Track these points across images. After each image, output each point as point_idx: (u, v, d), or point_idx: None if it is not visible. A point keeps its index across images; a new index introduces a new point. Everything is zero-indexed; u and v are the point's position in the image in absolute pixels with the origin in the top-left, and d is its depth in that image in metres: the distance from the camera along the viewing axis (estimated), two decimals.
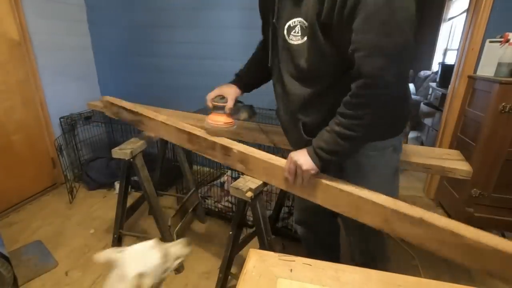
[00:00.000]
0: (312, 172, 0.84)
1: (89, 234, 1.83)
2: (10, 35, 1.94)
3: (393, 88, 0.71)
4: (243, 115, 1.22)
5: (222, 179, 2.18)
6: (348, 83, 0.74)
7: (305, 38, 0.79)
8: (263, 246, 1.11)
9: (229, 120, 1.12)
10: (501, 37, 1.69)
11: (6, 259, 1.26)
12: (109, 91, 2.71)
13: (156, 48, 2.44)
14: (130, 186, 1.64)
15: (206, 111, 2.10)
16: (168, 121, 1.25)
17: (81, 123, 2.45)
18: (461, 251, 0.71)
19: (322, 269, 0.62)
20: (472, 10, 1.84)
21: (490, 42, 1.75)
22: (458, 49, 2.04)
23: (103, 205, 2.15)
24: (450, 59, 4.17)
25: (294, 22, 0.80)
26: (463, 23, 2.27)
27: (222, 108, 1.10)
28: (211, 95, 1.11)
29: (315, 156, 0.82)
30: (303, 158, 0.84)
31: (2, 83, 1.93)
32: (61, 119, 2.29)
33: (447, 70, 2.86)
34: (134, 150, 1.37)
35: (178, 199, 2.08)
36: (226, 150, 1.08)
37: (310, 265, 0.63)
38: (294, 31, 0.80)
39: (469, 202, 1.82)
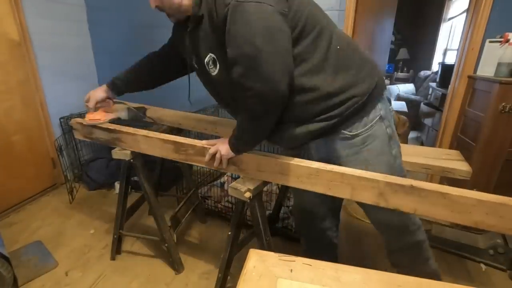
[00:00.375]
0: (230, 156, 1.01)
1: (89, 234, 1.83)
2: (10, 35, 1.94)
3: (260, 90, 0.79)
4: (123, 114, 1.45)
5: (222, 179, 2.18)
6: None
7: (218, 67, 0.91)
8: (261, 247, 1.11)
9: (96, 117, 1.33)
10: (501, 37, 1.69)
11: (6, 259, 1.26)
12: None
13: (157, 48, 2.43)
14: (130, 187, 1.64)
15: (206, 111, 2.11)
16: (150, 134, 1.23)
17: None
18: (450, 209, 0.79)
19: (322, 269, 0.62)
20: (472, 10, 1.84)
21: (490, 42, 1.75)
22: (458, 49, 2.04)
23: (103, 206, 2.15)
24: (450, 59, 4.18)
25: (208, 56, 0.92)
26: (463, 23, 2.27)
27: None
28: (85, 96, 1.35)
29: (232, 146, 0.98)
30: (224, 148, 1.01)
31: (2, 83, 1.93)
32: (61, 119, 2.29)
33: (447, 70, 2.86)
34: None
35: (178, 199, 2.08)
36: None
37: (310, 265, 0.63)
38: (209, 65, 0.93)
39: None
